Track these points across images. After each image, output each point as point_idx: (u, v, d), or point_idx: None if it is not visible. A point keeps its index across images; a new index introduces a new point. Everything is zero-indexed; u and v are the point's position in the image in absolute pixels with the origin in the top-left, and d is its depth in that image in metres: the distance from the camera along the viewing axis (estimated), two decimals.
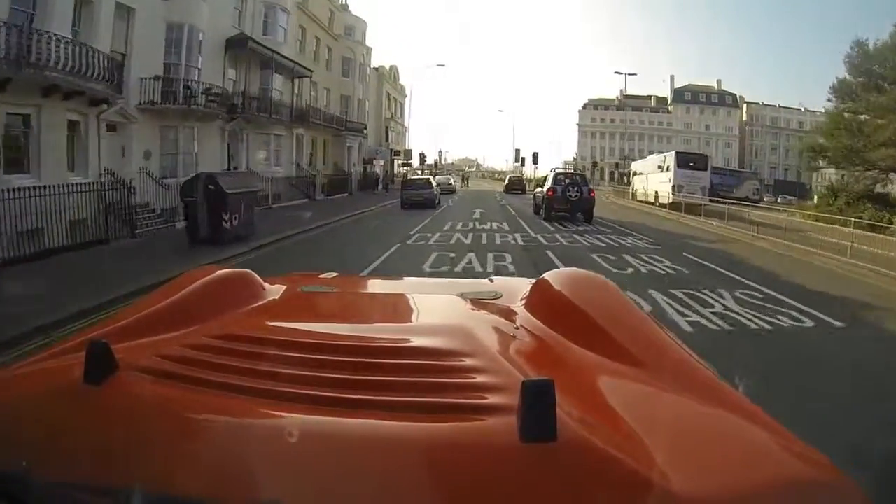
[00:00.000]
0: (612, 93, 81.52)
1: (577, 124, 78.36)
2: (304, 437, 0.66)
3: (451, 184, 39.04)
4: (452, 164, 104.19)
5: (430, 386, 0.75)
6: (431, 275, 8.27)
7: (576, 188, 17.77)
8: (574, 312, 1.07)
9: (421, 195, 23.38)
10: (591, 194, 18.25)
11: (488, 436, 0.65)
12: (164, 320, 1.07)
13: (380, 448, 0.66)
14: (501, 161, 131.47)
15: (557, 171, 20.66)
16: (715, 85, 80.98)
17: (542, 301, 1.18)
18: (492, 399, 0.71)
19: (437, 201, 24.43)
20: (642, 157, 75.51)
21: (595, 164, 57.05)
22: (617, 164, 57.41)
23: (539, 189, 20.83)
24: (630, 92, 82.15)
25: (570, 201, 17.69)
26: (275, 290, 1.36)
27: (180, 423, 0.74)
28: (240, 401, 0.74)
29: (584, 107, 79.87)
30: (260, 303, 1.26)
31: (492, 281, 1.66)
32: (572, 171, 26.29)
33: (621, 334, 1.00)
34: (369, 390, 0.74)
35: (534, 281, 1.31)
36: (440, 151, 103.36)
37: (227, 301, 1.19)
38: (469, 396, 0.72)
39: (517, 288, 1.41)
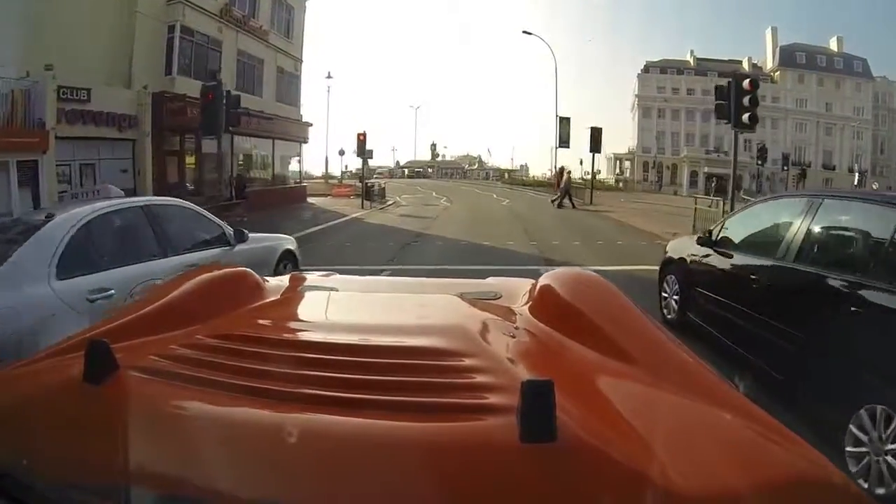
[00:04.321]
0: (676, 54, 54.30)
1: (637, 95, 50.00)
2: (303, 437, 0.66)
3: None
4: (437, 158, 78.65)
5: (429, 386, 0.75)
6: None
7: None
8: (574, 312, 1.07)
9: None
10: None
11: (488, 436, 0.65)
12: (163, 319, 1.06)
13: (379, 448, 0.65)
14: (506, 158, 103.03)
15: None
16: (834, 45, 53.97)
17: (542, 301, 1.18)
18: (492, 399, 0.71)
19: None
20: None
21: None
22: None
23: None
24: (700, 56, 56.53)
25: None
26: (274, 290, 1.37)
27: (180, 422, 0.74)
28: (239, 400, 0.74)
29: (647, 69, 51.69)
30: (259, 302, 1.25)
31: (491, 281, 1.64)
32: None
33: (621, 334, 0.99)
34: (368, 390, 0.74)
35: (533, 281, 1.33)
36: (433, 145, 78.72)
37: (226, 300, 1.18)
38: (469, 396, 0.72)
39: (517, 288, 1.42)
